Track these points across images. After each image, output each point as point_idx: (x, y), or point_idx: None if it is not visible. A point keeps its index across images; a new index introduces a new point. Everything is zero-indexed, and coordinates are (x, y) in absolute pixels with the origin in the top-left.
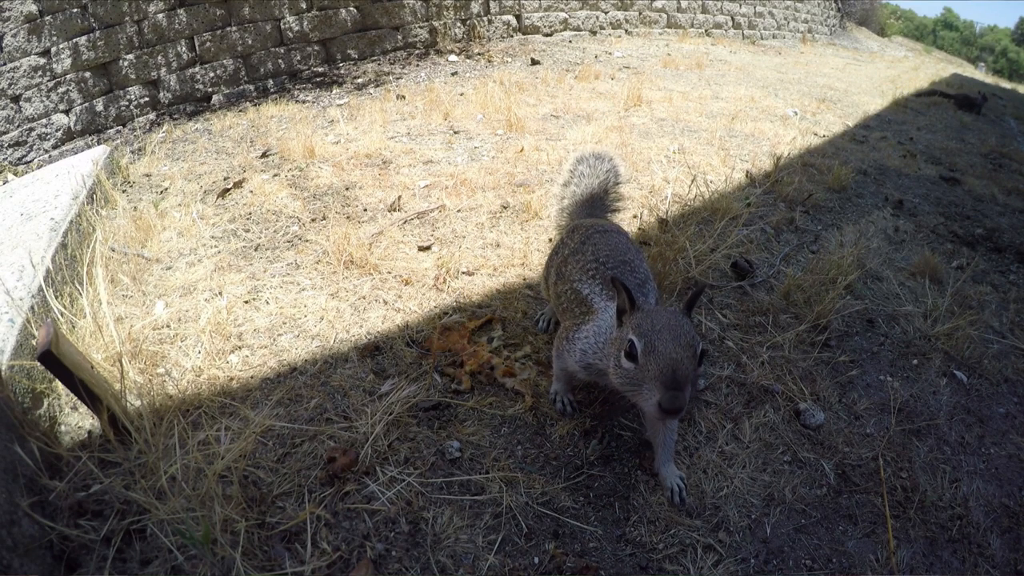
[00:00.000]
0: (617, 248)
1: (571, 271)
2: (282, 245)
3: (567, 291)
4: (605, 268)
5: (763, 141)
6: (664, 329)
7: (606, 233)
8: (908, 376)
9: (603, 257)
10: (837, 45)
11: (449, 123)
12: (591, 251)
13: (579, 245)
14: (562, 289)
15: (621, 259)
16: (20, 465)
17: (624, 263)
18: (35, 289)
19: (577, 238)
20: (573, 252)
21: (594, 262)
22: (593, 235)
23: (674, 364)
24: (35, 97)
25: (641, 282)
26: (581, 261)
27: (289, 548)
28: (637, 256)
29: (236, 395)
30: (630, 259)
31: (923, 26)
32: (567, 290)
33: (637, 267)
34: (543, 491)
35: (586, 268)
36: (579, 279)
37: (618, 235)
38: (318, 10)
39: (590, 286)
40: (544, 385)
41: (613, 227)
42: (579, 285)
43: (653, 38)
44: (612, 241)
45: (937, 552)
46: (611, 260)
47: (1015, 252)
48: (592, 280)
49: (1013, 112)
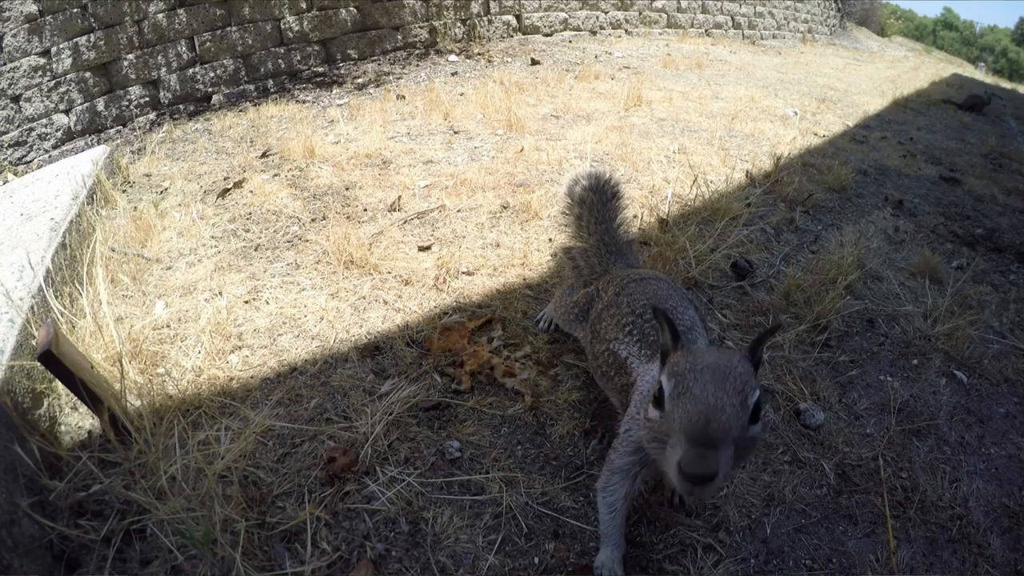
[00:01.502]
0: (656, 296)
1: (606, 328)
2: (282, 245)
3: (604, 353)
4: (643, 322)
5: (763, 141)
6: (706, 369)
7: (643, 281)
8: (908, 376)
9: (640, 308)
10: (837, 45)
11: (449, 123)
12: (626, 303)
13: (613, 298)
14: (599, 350)
15: (662, 307)
16: (20, 465)
17: None
18: (35, 289)
19: (612, 291)
20: (607, 306)
21: (630, 315)
22: (628, 285)
23: (708, 412)
24: (35, 97)
25: (687, 328)
26: (616, 315)
27: (289, 548)
28: (681, 301)
29: (236, 395)
30: (672, 305)
31: (923, 26)
32: (604, 352)
33: (682, 313)
34: (543, 491)
35: (622, 324)
36: (615, 337)
37: (657, 282)
38: (318, 10)
39: (627, 345)
40: (545, 385)
41: (651, 274)
42: (616, 345)
43: (653, 38)
44: (650, 289)
45: (937, 552)
46: (648, 312)
47: (1015, 252)
48: (630, 339)
49: (1013, 112)
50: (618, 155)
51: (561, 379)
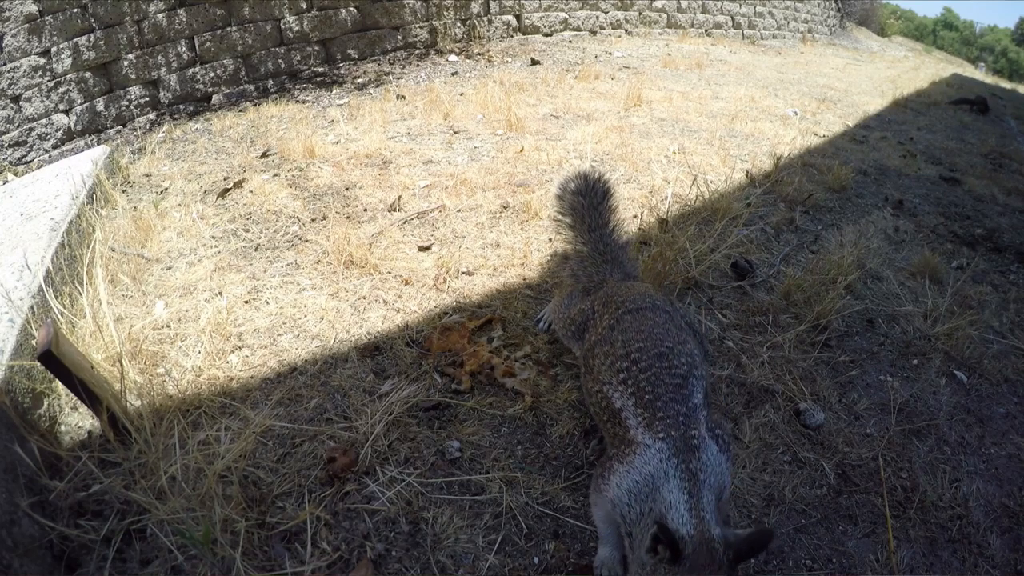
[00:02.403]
0: (651, 335)
1: (599, 367)
2: (282, 245)
3: (596, 393)
4: (638, 370)
5: (763, 141)
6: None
7: (638, 313)
8: (908, 376)
9: (635, 352)
10: (837, 45)
11: (449, 123)
12: (620, 342)
13: (607, 332)
14: (592, 387)
15: (657, 351)
16: (20, 465)
17: (660, 357)
18: (35, 289)
19: (606, 321)
20: (600, 340)
21: (624, 359)
22: (623, 318)
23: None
24: (35, 97)
25: (680, 381)
26: (610, 356)
27: (289, 548)
28: (679, 339)
29: (236, 395)
30: (668, 348)
31: (923, 26)
32: (596, 392)
33: (676, 359)
34: (543, 491)
35: (616, 367)
36: (608, 381)
37: (653, 312)
38: (318, 10)
39: (622, 396)
40: (545, 385)
41: (647, 302)
42: (609, 390)
43: (653, 38)
44: (646, 325)
45: (937, 552)
46: (644, 356)
47: (1015, 252)
48: (624, 388)
49: (1013, 112)
50: (618, 155)
51: (561, 379)
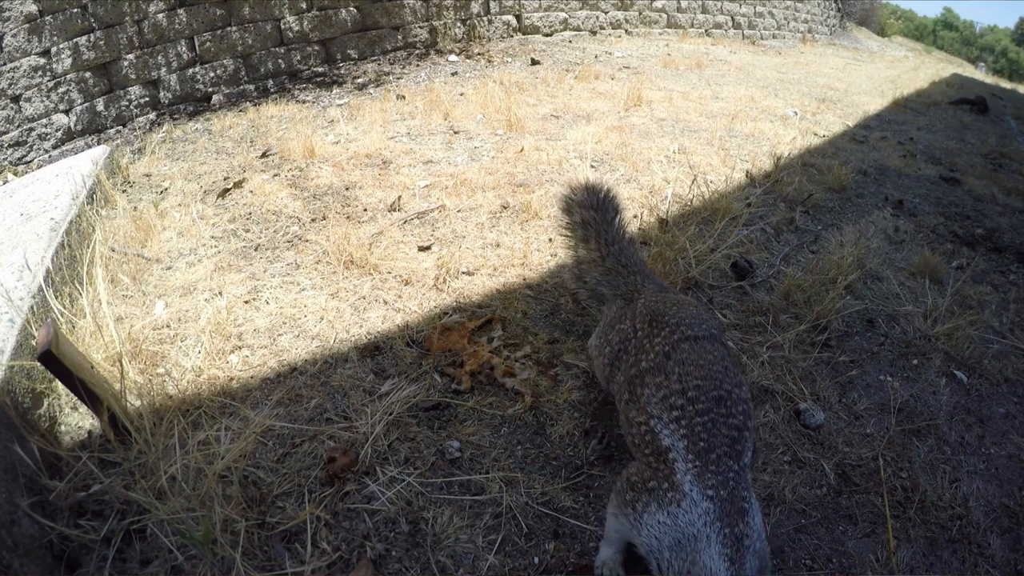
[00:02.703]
0: (711, 373)
1: (649, 397)
2: (282, 245)
3: (641, 425)
4: (695, 411)
5: (763, 141)
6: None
7: (696, 343)
8: (908, 376)
9: (692, 390)
10: (837, 45)
11: (449, 123)
12: (677, 375)
13: (661, 359)
14: (635, 417)
15: (716, 393)
16: (20, 465)
17: (719, 402)
18: (35, 289)
19: (658, 346)
20: (652, 369)
21: (680, 395)
22: (680, 344)
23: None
24: (35, 97)
25: (736, 434)
26: (664, 389)
27: (289, 548)
28: (736, 381)
29: (236, 395)
30: (727, 392)
31: (923, 26)
32: (641, 424)
33: (734, 406)
34: (543, 491)
35: (669, 403)
36: (658, 416)
37: (712, 345)
38: (318, 10)
39: (672, 435)
40: (545, 385)
41: (705, 330)
42: (658, 426)
43: (653, 38)
44: (705, 359)
45: (937, 552)
46: (703, 396)
47: (1015, 252)
48: (676, 426)
49: (1013, 112)
50: (618, 155)
51: (561, 379)
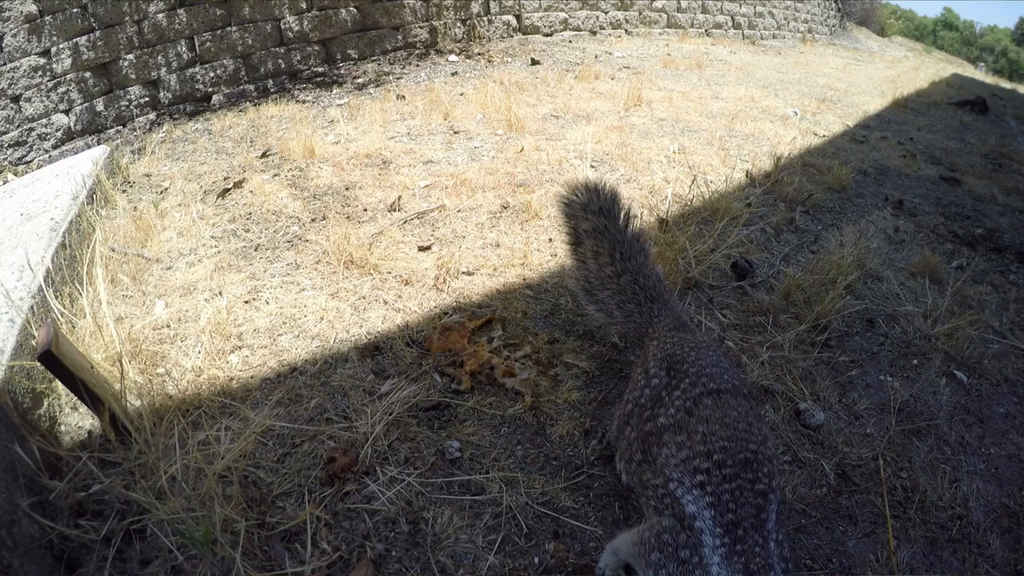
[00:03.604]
0: (737, 432)
1: (667, 458)
2: (282, 245)
3: (659, 490)
4: (722, 477)
5: (763, 141)
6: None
7: (719, 397)
8: (908, 376)
9: (718, 452)
10: (837, 45)
11: (449, 123)
12: (701, 434)
13: (683, 415)
14: (652, 482)
15: (743, 456)
16: (20, 465)
17: (746, 466)
18: (35, 289)
19: (678, 401)
20: (673, 426)
21: (705, 458)
22: (703, 400)
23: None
24: (35, 97)
25: (762, 501)
26: (687, 449)
27: (289, 548)
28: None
29: (236, 395)
30: (752, 453)
31: (923, 26)
32: (660, 489)
33: (760, 468)
34: (543, 491)
35: (693, 467)
36: (679, 479)
37: (735, 399)
38: (318, 10)
39: (696, 501)
40: (545, 385)
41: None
42: (679, 491)
43: (653, 38)
44: (730, 417)
45: (937, 552)
46: (729, 460)
47: (1015, 252)
48: (702, 492)
49: (1013, 112)
50: (618, 155)
51: (561, 379)
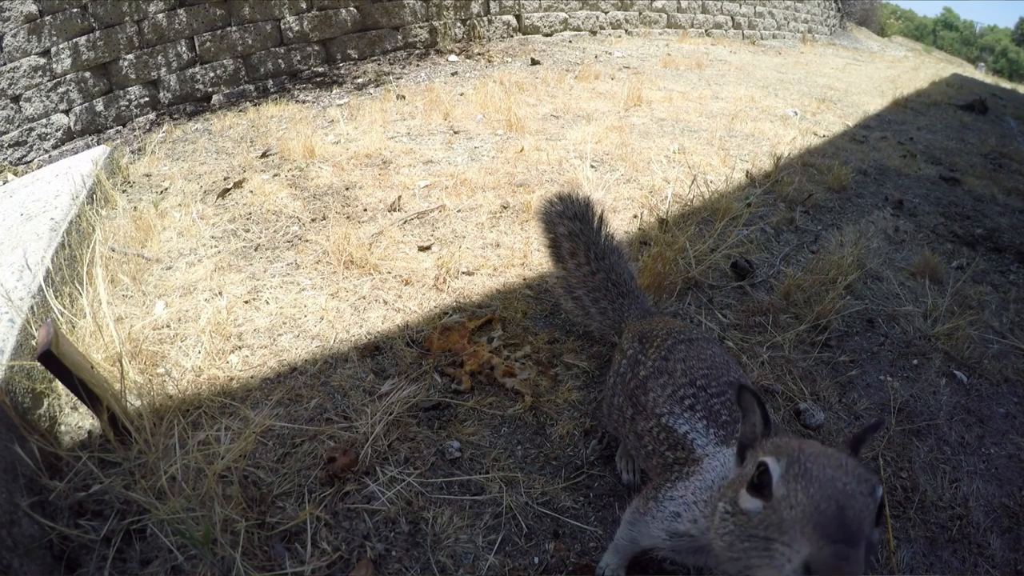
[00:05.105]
0: (715, 364)
1: (655, 400)
2: (282, 245)
3: (653, 429)
4: (708, 395)
5: (763, 141)
6: (820, 455)
7: (693, 343)
8: (908, 376)
9: (701, 379)
10: (837, 45)
11: (449, 123)
12: (681, 370)
13: (660, 363)
14: (645, 427)
15: (727, 379)
16: (20, 465)
17: (731, 385)
18: (35, 289)
19: (653, 354)
20: (654, 373)
21: (689, 386)
22: (676, 347)
23: (840, 498)
24: (35, 97)
25: None
26: (670, 386)
27: (289, 548)
28: (739, 373)
29: (236, 395)
30: (734, 379)
31: (923, 26)
32: (653, 428)
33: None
34: (543, 491)
35: (679, 396)
36: (670, 411)
37: (708, 344)
38: (318, 10)
39: (688, 421)
40: (545, 385)
41: (696, 333)
42: (671, 420)
43: (653, 38)
44: (706, 354)
45: (937, 552)
46: (714, 383)
47: (1015, 252)
48: (691, 413)
49: (1013, 112)
50: (618, 155)
51: (561, 379)
